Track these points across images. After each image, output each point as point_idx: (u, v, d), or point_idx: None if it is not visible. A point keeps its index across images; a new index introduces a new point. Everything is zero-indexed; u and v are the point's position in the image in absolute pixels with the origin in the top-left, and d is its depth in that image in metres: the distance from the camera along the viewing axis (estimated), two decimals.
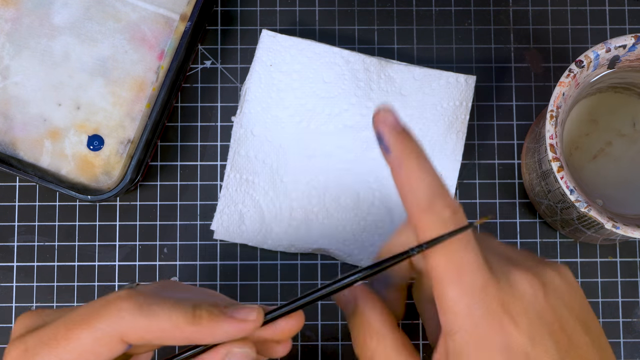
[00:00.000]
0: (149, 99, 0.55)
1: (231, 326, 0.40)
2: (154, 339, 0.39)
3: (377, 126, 0.39)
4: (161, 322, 0.39)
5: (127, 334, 0.39)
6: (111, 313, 0.39)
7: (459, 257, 0.37)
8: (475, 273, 0.37)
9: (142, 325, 0.39)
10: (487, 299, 0.37)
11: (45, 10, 0.56)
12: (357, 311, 0.42)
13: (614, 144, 0.54)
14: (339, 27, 0.60)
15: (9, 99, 0.55)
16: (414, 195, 0.38)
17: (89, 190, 0.55)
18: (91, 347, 0.39)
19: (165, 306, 0.39)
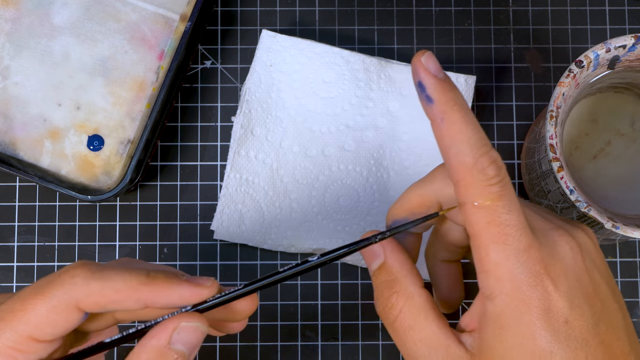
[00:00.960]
0: (149, 99, 0.55)
1: (186, 289, 0.39)
2: (108, 304, 0.38)
3: (419, 73, 0.37)
4: (115, 284, 0.38)
5: (82, 300, 0.38)
6: (64, 280, 0.38)
7: (503, 219, 0.36)
8: (520, 235, 0.36)
9: (95, 289, 0.38)
10: (530, 262, 0.36)
11: (45, 10, 0.56)
12: (385, 266, 0.41)
13: (613, 144, 0.54)
14: (339, 27, 0.60)
15: (9, 99, 0.55)
16: (458, 150, 0.36)
17: (89, 190, 0.55)
18: (47, 317, 0.38)
19: (119, 270, 0.39)
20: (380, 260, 0.41)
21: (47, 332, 0.38)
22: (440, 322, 0.39)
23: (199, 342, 0.39)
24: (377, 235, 0.40)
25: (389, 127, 0.57)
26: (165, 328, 0.38)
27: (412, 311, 0.39)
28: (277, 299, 0.57)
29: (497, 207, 0.36)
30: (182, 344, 0.38)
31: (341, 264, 0.57)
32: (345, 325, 0.57)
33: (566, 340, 0.36)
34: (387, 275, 0.40)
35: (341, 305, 0.57)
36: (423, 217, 0.38)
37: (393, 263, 0.40)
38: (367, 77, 0.57)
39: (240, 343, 0.57)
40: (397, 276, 0.40)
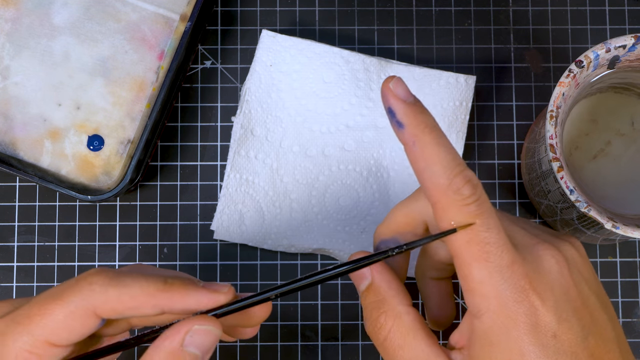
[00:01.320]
0: (149, 99, 0.55)
1: (203, 295, 0.39)
2: (126, 310, 0.39)
3: (388, 100, 0.37)
4: (132, 290, 0.38)
5: (99, 306, 0.38)
6: (82, 287, 0.39)
7: (482, 237, 0.36)
8: (502, 252, 0.36)
9: (113, 296, 0.38)
10: (514, 278, 0.36)
11: (45, 10, 0.56)
12: (373, 287, 0.41)
13: (613, 144, 0.54)
14: (339, 27, 0.60)
15: (9, 99, 0.55)
16: (432, 172, 0.36)
17: (89, 190, 0.55)
18: (64, 322, 0.38)
19: (136, 277, 0.39)
20: (367, 281, 0.41)
21: (63, 337, 0.38)
22: (429, 340, 0.39)
23: (212, 346, 0.39)
24: (394, 249, 0.40)
25: (389, 127, 0.57)
26: (178, 330, 0.38)
27: (401, 330, 0.39)
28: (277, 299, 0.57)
29: (475, 226, 0.36)
30: (195, 347, 0.38)
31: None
32: (345, 325, 0.57)
33: (555, 355, 0.36)
34: (375, 295, 0.41)
35: (341, 305, 0.57)
36: (441, 233, 0.38)
37: (380, 283, 0.41)
38: (367, 77, 0.57)
39: (240, 343, 0.57)
40: (384, 296, 0.40)
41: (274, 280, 0.57)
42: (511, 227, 0.39)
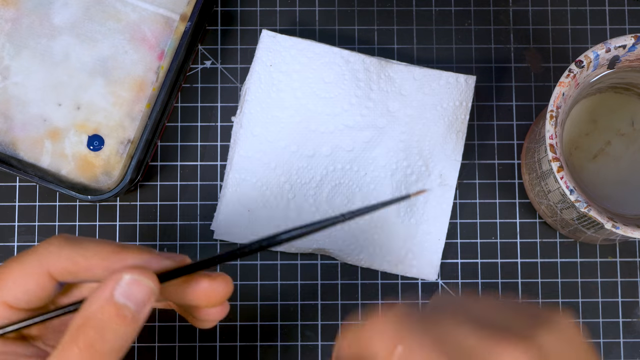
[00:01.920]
0: (149, 99, 0.55)
1: (155, 259, 0.39)
2: (79, 271, 0.39)
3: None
4: (86, 251, 0.39)
5: (52, 265, 0.38)
6: (40, 247, 0.39)
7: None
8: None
9: (66, 256, 0.39)
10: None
11: (45, 10, 0.56)
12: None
13: (613, 144, 0.54)
14: (339, 27, 0.60)
15: (9, 99, 0.55)
16: None
17: (89, 190, 0.55)
18: (20, 282, 0.39)
19: (93, 240, 0.39)
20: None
21: (20, 298, 0.39)
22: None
23: (146, 299, 0.38)
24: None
25: (389, 127, 0.57)
26: (108, 281, 0.37)
27: None
28: (277, 299, 0.57)
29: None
30: (126, 298, 0.37)
31: (341, 264, 0.57)
32: (345, 325, 0.57)
33: None
34: None
35: (341, 305, 0.57)
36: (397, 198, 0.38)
37: None
38: (367, 77, 0.57)
39: (240, 343, 0.57)
40: None
41: (274, 280, 0.57)
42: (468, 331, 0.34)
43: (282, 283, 0.57)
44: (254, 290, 0.57)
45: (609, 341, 0.57)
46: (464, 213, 0.58)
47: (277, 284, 0.57)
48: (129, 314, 0.37)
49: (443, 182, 0.57)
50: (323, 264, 0.58)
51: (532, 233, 0.58)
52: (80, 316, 0.37)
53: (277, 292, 0.57)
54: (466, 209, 0.58)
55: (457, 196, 0.58)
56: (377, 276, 0.57)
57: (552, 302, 0.57)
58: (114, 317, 0.37)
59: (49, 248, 0.39)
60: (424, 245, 0.57)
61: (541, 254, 0.57)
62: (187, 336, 0.57)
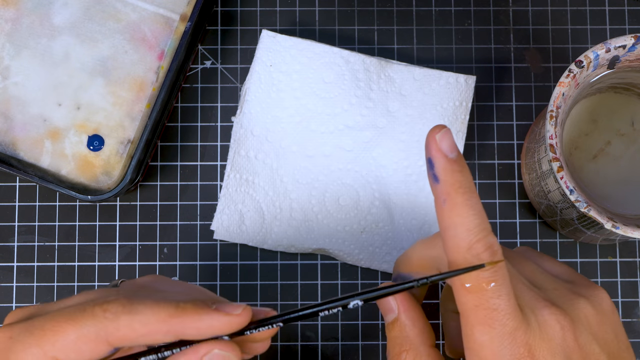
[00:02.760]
0: (149, 99, 0.55)
1: (215, 319, 0.38)
2: (138, 337, 0.38)
3: (430, 151, 0.37)
4: (144, 318, 0.38)
5: (111, 334, 0.38)
6: (97, 313, 0.38)
7: (491, 304, 0.36)
8: (507, 319, 0.36)
9: (125, 323, 0.38)
10: (515, 345, 0.36)
11: (45, 10, 0.56)
12: (399, 322, 0.41)
13: (613, 144, 0.54)
14: (339, 27, 0.60)
15: (9, 99, 0.55)
16: (455, 233, 0.36)
17: (89, 190, 0.55)
18: (74, 344, 0.38)
19: (148, 303, 0.39)
20: (393, 315, 0.41)
21: (71, 357, 0.38)
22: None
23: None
24: (419, 280, 0.39)
25: (389, 127, 0.57)
26: (197, 351, 0.38)
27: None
28: (277, 299, 0.57)
29: (486, 292, 0.36)
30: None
31: (341, 264, 0.58)
32: (345, 325, 0.57)
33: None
34: (400, 331, 0.41)
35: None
36: (466, 268, 0.37)
37: (406, 321, 0.41)
38: (367, 77, 0.57)
39: None
40: (409, 334, 0.41)
41: (274, 280, 0.57)
42: (522, 286, 0.39)
43: (282, 283, 0.57)
44: (254, 290, 0.57)
45: None
46: None
47: (277, 284, 0.57)
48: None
49: None
50: (323, 264, 0.58)
51: (532, 233, 0.58)
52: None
53: (277, 292, 0.57)
54: None
55: None
56: (377, 276, 0.57)
57: None
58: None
59: (106, 315, 0.38)
60: None
61: None
62: None
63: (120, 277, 0.58)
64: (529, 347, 0.36)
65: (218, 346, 0.38)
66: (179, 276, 0.57)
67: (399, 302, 0.41)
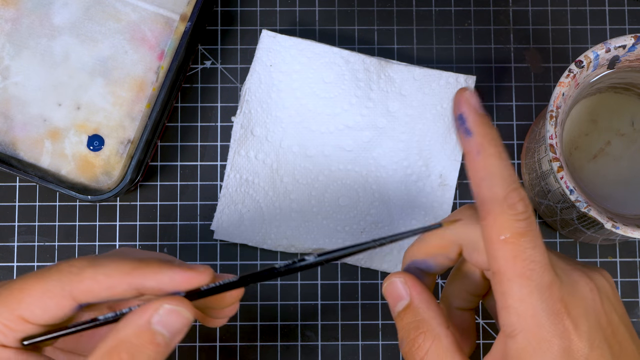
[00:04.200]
0: (149, 99, 0.55)
1: (178, 274, 0.39)
2: (101, 290, 0.39)
3: (461, 106, 0.38)
4: (107, 269, 0.39)
5: (75, 287, 0.39)
6: (62, 268, 0.40)
7: (528, 254, 0.36)
8: (543, 272, 0.36)
9: (88, 275, 0.39)
10: (551, 300, 0.36)
11: (45, 10, 0.56)
12: (412, 307, 0.41)
13: (613, 144, 0.54)
14: (339, 27, 0.60)
15: (9, 99, 0.55)
16: (491, 183, 0.37)
17: (89, 190, 0.55)
18: (39, 299, 0.39)
19: (113, 258, 0.40)
20: (405, 301, 0.41)
21: (37, 314, 0.39)
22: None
23: (181, 328, 0.39)
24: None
25: (389, 127, 0.57)
26: (147, 307, 0.38)
27: (439, 352, 0.40)
28: (277, 299, 0.57)
29: (523, 242, 0.36)
30: (162, 326, 0.38)
31: (341, 264, 0.58)
32: (345, 325, 0.57)
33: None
34: (414, 316, 0.41)
35: (341, 305, 0.57)
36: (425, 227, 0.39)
37: (420, 303, 0.41)
38: (367, 77, 0.57)
39: (240, 343, 0.57)
40: (424, 317, 0.40)
41: (274, 280, 0.57)
42: (550, 252, 0.39)
43: (282, 283, 0.57)
44: (253, 290, 0.57)
45: None
46: None
47: (277, 284, 0.57)
48: (163, 342, 0.38)
49: (443, 182, 0.57)
50: None
51: None
52: (114, 338, 0.38)
53: (277, 292, 0.57)
54: None
55: (457, 196, 0.58)
56: (377, 276, 0.58)
57: None
58: (148, 343, 0.38)
59: (71, 269, 0.39)
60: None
61: None
62: (188, 336, 0.57)
63: None
64: (565, 303, 0.36)
65: (167, 301, 0.38)
66: None
67: (411, 286, 0.41)
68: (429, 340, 0.40)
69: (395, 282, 0.41)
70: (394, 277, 0.41)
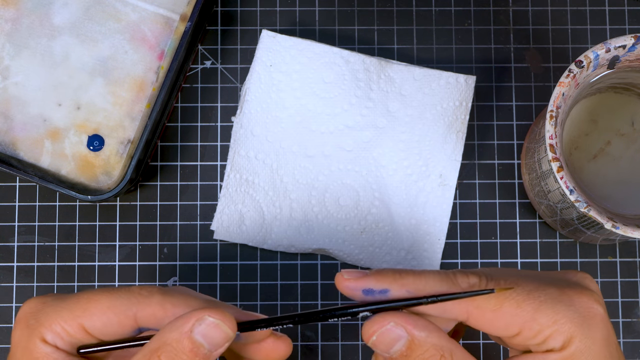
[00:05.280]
0: (149, 99, 0.55)
1: (238, 313, 0.42)
2: (165, 319, 0.41)
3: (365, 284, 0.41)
4: (175, 300, 0.41)
5: (142, 309, 0.41)
6: (133, 289, 0.41)
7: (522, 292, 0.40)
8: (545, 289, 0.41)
9: (157, 301, 0.41)
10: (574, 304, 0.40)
11: (45, 10, 0.56)
12: (415, 341, 0.40)
13: (613, 144, 0.54)
14: (339, 27, 0.60)
15: (9, 99, 0.55)
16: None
17: (89, 190, 0.55)
18: (104, 313, 0.41)
19: (183, 293, 0.42)
20: (404, 340, 0.40)
21: (97, 327, 0.41)
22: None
23: (220, 342, 0.40)
24: (428, 298, 0.40)
25: (389, 127, 0.57)
26: (191, 316, 0.39)
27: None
28: (277, 298, 0.57)
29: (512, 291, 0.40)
30: (202, 336, 0.39)
31: (341, 264, 0.57)
32: (346, 325, 0.57)
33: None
34: (420, 347, 0.40)
35: (341, 305, 0.57)
36: (478, 291, 0.39)
37: (422, 333, 0.40)
38: (367, 77, 0.57)
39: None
40: (434, 342, 0.40)
41: (274, 280, 0.57)
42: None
43: (282, 283, 0.57)
44: (254, 290, 0.57)
45: None
46: (464, 213, 0.58)
47: (277, 284, 0.57)
48: (201, 353, 0.39)
49: (443, 182, 0.57)
50: (323, 264, 0.58)
51: (532, 233, 0.58)
52: (157, 340, 0.39)
53: (277, 292, 0.57)
54: (466, 209, 0.58)
55: (457, 196, 0.58)
56: None
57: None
58: (187, 351, 0.39)
59: (142, 292, 0.41)
60: (423, 246, 0.57)
61: (541, 254, 0.57)
62: None
63: (120, 277, 0.58)
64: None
65: (209, 312, 0.39)
66: (178, 276, 0.57)
67: (404, 322, 0.40)
68: (447, 358, 0.40)
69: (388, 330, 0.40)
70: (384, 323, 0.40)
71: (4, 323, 0.57)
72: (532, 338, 0.40)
